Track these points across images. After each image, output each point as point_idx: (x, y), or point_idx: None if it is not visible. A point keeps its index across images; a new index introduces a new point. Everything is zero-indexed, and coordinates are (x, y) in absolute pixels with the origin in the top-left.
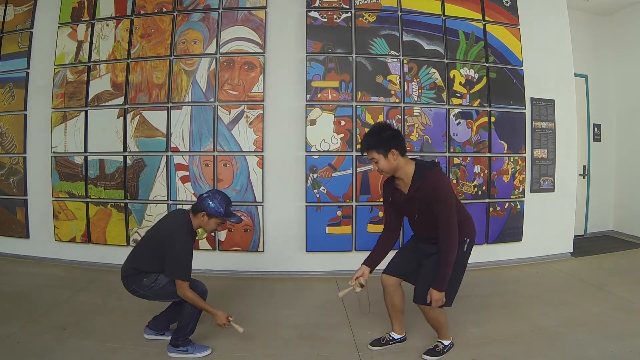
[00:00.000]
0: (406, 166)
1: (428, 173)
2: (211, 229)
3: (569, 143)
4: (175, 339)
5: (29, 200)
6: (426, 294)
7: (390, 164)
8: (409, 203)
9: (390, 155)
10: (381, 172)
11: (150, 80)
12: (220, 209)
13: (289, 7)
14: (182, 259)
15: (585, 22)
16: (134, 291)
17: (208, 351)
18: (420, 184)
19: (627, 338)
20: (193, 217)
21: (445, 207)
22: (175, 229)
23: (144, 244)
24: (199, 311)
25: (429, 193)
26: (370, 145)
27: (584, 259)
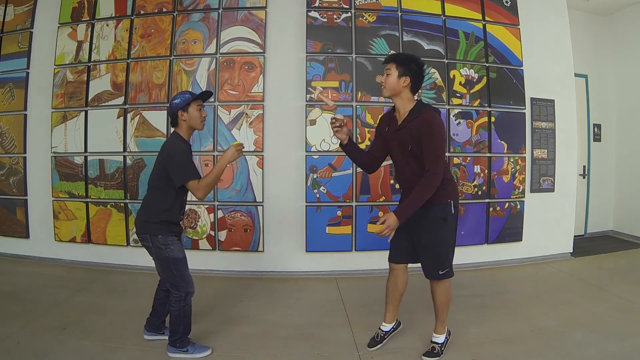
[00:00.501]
0: (408, 101)
1: (426, 111)
2: (197, 118)
3: (569, 143)
4: (172, 340)
5: (29, 200)
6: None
7: (397, 85)
8: (399, 134)
9: (402, 79)
10: (384, 86)
11: (150, 80)
12: (186, 96)
13: (289, 7)
14: (182, 161)
15: (585, 22)
16: (144, 239)
17: (208, 351)
18: (416, 117)
19: (627, 338)
20: (179, 129)
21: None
22: (166, 144)
23: (150, 181)
24: (187, 311)
25: (421, 127)
26: (396, 58)
27: (584, 259)
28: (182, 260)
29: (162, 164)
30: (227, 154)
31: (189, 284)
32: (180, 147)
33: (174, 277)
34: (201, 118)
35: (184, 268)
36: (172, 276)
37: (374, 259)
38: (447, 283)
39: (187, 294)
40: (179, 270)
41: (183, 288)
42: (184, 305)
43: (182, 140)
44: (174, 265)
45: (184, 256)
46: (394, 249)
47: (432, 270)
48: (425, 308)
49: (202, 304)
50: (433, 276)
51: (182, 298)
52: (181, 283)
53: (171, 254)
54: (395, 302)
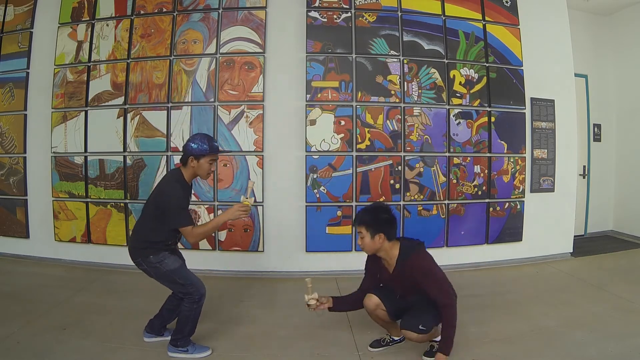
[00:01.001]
0: (390, 250)
1: (413, 257)
2: (205, 170)
3: (569, 143)
4: (174, 339)
5: (29, 200)
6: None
7: (374, 244)
8: (393, 282)
9: (376, 237)
10: (362, 248)
11: (150, 80)
12: (204, 146)
13: (289, 7)
14: (176, 206)
15: (585, 22)
16: (139, 264)
17: (208, 352)
18: (404, 265)
19: (627, 338)
20: (184, 170)
21: (433, 279)
22: (163, 183)
23: (144, 213)
24: (197, 313)
25: (413, 273)
26: (362, 221)
27: (584, 259)
28: (180, 268)
29: (158, 201)
30: (230, 212)
31: (199, 285)
32: (178, 193)
33: (182, 286)
34: (209, 171)
35: (186, 273)
36: (180, 285)
37: None
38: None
39: (200, 296)
40: (182, 277)
41: (195, 292)
42: (197, 307)
43: (182, 184)
44: (175, 276)
45: (182, 263)
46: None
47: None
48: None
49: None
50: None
51: (196, 300)
52: (191, 288)
53: (168, 267)
54: (387, 324)
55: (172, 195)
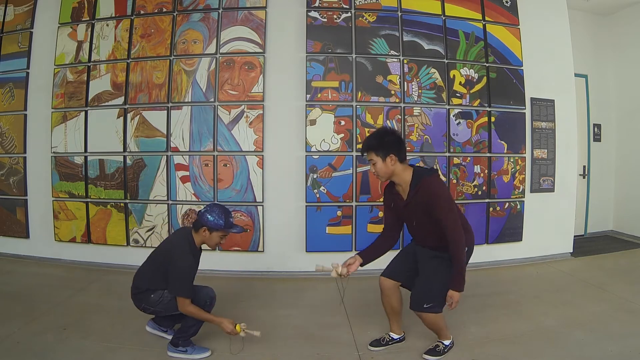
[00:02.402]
0: (403, 173)
1: (425, 179)
2: (214, 242)
3: (569, 143)
4: (176, 338)
5: (29, 200)
6: (422, 301)
7: (387, 168)
8: (408, 209)
9: (388, 160)
10: (377, 174)
11: (150, 80)
12: (220, 222)
13: (289, 7)
14: (182, 276)
15: (585, 22)
16: (145, 309)
17: (207, 353)
18: (418, 189)
19: (627, 338)
20: (195, 234)
21: (446, 210)
22: (176, 245)
23: (149, 262)
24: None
25: (427, 199)
26: (370, 146)
27: (584, 259)
28: None
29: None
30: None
31: (204, 292)
32: (189, 262)
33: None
34: (218, 244)
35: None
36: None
37: None
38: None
39: (210, 299)
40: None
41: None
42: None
43: (193, 251)
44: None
45: None
46: (390, 267)
47: (419, 300)
48: None
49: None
50: (417, 307)
51: (207, 304)
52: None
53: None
54: (396, 319)
55: (184, 264)
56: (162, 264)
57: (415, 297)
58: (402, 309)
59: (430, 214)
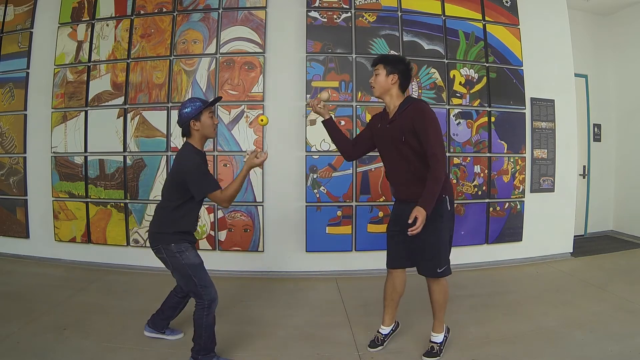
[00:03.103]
0: (397, 97)
1: (416, 101)
2: (210, 125)
3: (569, 143)
4: (195, 352)
5: (29, 200)
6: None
7: (386, 83)
8: (391, 128)
9: (390, 77)
10: (373, 86)
11: (150, 80)
12: (197, 103)
13: (289, 7)
14: (199, 174)
15: (585, 22)
16: (158, 250)
17: None
18: (407, 107)
19: (627, 338)
20: (190, 139)
21: (433, 128)
22: (180, 158)
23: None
24: (210, 321)
25: (414, 115)
26: (382, 59)
27: (584, 259)
28: (199, 266)
29: (178, 176)
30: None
31: (211, 290)
32: (196, 160)
33: (195, 285)
34: (214, 125)
35: (203, 274)
36: (193, 284)
37: (374, 259)
38: (444, 282)
39: (210, 301)
40: (198, 276)
41: (206, 295)
42: (207, 314)
43: (196, 152)
44: (192, 272)
45: (201, 262)
46: (391, 255)
47: (429, 269)
48: (424, 308)
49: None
50: (431, 274)
51: (205, 306)
52: (203, 290)
53: (187, 260)
54: (394, 304)
55: (192, 162)
56: (177, 182)
57: (425, 267)
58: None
59: (407, 137)
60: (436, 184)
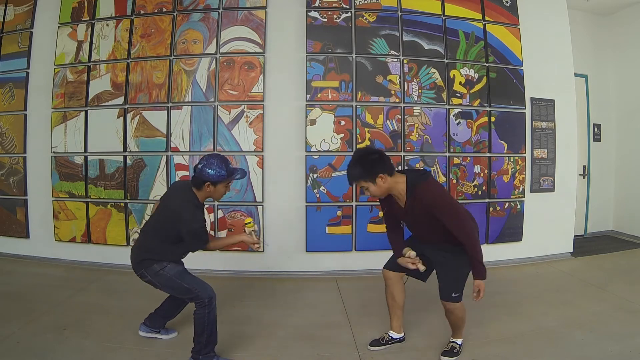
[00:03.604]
0: (397, 185)
1: (419, 187)
2: (220, 194)
3: (569, 143)
4: (195, 352)
5: (29, 200)
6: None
7: (381, 188)
8: (408, 216)
9: (379, 180)
10: (374, 196)
11: (150, 80)
12: (222, 172)
13: (289, 7)
14: (199, 234)
15: (585, 22)
16: (142, 275)
17: None
18: (415, 197)
19: (627, 338)
20: (198, 192)
21: (450, 214)
22: (184, 210)
23: (154, 226)
24: (212, 318)
25: (427, 207)
26: (355, 176)
27: (584, 259)
28: (184, 272)
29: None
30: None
31: (206, 287)
32: (201, 219)
33: (188, 290)
34: (224, 194)
35: (191, 277)
36: (186, 290)
37: (374, 259)
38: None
39: (209, 298)
40: (187, 281)
41: (203, 294)
42: (209, 311)
43: (198, 206)
44: (181, 280)
45: (184, 267)
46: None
47: (447, 290)
48: (424, 308)
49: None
50: (446, 297)
51: (205, 304)
52: (199, 292)
53: (170, 272)
54: (397, 314)
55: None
56: (171, 229)
57: (443, 288)
58: (404, 305)
59: (432, 217)
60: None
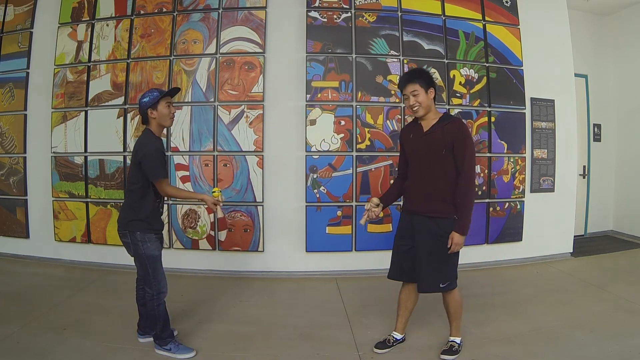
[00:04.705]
0: (436, 111)
1: (454, 120)
2: (166, 115)
3: (569, 143)
4: (155, 336)
5: (29, 200)
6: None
7: (428, 99)
8: (425, 139)
9: (429, 92)
10: (417, 107)
11: (150, 80)
12: (154, 94)
13: (289, 7)
14: (152, 160)
15: (585, 22)
16: (124, 235)
17: (191, 354)
18: (447, 123)
19: (627, 338)
20: (149, 127)
21: (470, 149)
22: (140, 141)
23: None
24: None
25: (455, 132)
26: (413, 77)
27: (584, 259)
28: (157, 258)
29: (135, 158)
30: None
31: (162, 283)
32: (154, 144)
33: (147, 275)
34: (170, 115)
35: (158, 267)
36: (147, 274)
37: (374, 259)
38: (455, 293)
39: (158, 293)
40: (152, 267)
41: (155, 287)
42: (158, 305)
43: (154, 138)
44: (148, 262)
45: (159, 255)
46: (395, 266)
47: (432, 282)
48: (424, 308)
49: (202, 304)
50: (432, 288)
51: (154, 297)
52: (154, 282)
53: (147, 251)
54: (405, 317)
55: (148, 146)
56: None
57: (427, 280)
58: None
59: (446, 151)
60: (469, 204)
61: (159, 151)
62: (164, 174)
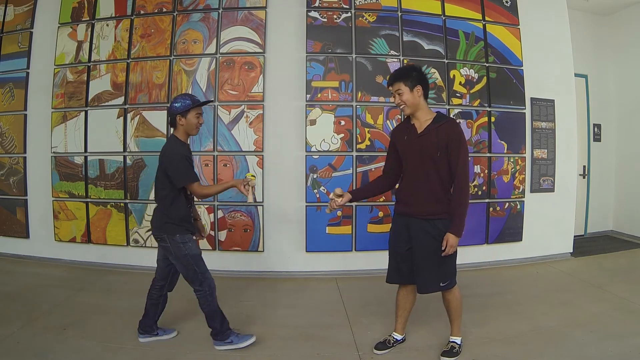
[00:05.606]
0: (426, 109)
1: (448, 121)
2: (194, 125)
3: (569, 143)
4: (213, 334)
5: (29, 200)
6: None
7: (414, 99)
8: (420, 141)
9: (415, 91)
10: (402, 105)
11: (150, 80)
12: (187, 102)
13: (289, 7)
14: (180, 165)
15: (585, 22)
16: (163, 240)
17: (252, 339)
18: (442, 125)
19: (627, 338)
20: (176, 131)
21: (464, 151)
22: (166, 149)
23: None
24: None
25: (450, 133)
26: (397, 76)
27: (584, 259)
28: (199, 257)
29: (162, 165)
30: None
31: (210, 278)
32: (179, 151)
33: (196, 274)
34: (197, 125)
35: (202, 264)
36: (195, 273)
37: (374, 259)
38: (455, 291)
39: (210, 288)
40: (200, 266)
41: (206, 283)
42: (212, 300)
43: (180, 144)
44: (194, 261)
45: (201, 253)
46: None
47: (432, 282)
48: (424, 308)
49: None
50: (432, 288)
51: (207, 293)
52: (203, 279)
53: (190, 250)
54: (404, 317)
55: (175, 152)
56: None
57: (427, 280)
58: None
59: (441, 153)
60: (463, 206)
61: (184, 156)
62: (193, 178)
